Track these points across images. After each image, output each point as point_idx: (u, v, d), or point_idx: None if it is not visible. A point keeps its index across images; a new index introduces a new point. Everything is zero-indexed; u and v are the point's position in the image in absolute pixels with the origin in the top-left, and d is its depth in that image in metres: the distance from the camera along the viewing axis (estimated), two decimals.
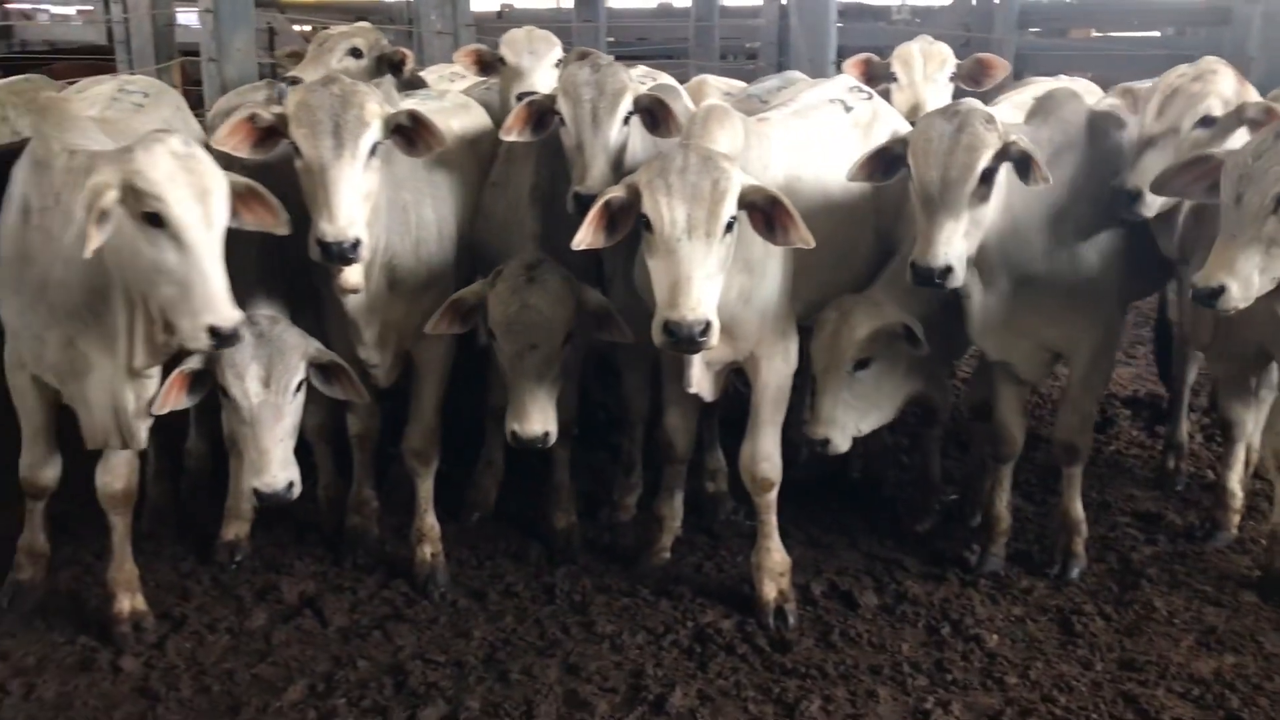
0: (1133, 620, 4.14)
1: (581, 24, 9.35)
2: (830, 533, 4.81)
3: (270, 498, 3.72)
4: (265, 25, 11.73)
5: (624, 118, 4.03)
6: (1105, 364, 4.48)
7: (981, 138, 3.69)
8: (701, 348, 3.48)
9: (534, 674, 3.80)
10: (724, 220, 3.48)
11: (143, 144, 3.32)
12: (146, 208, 3.25)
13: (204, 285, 3.30)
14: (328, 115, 3.62)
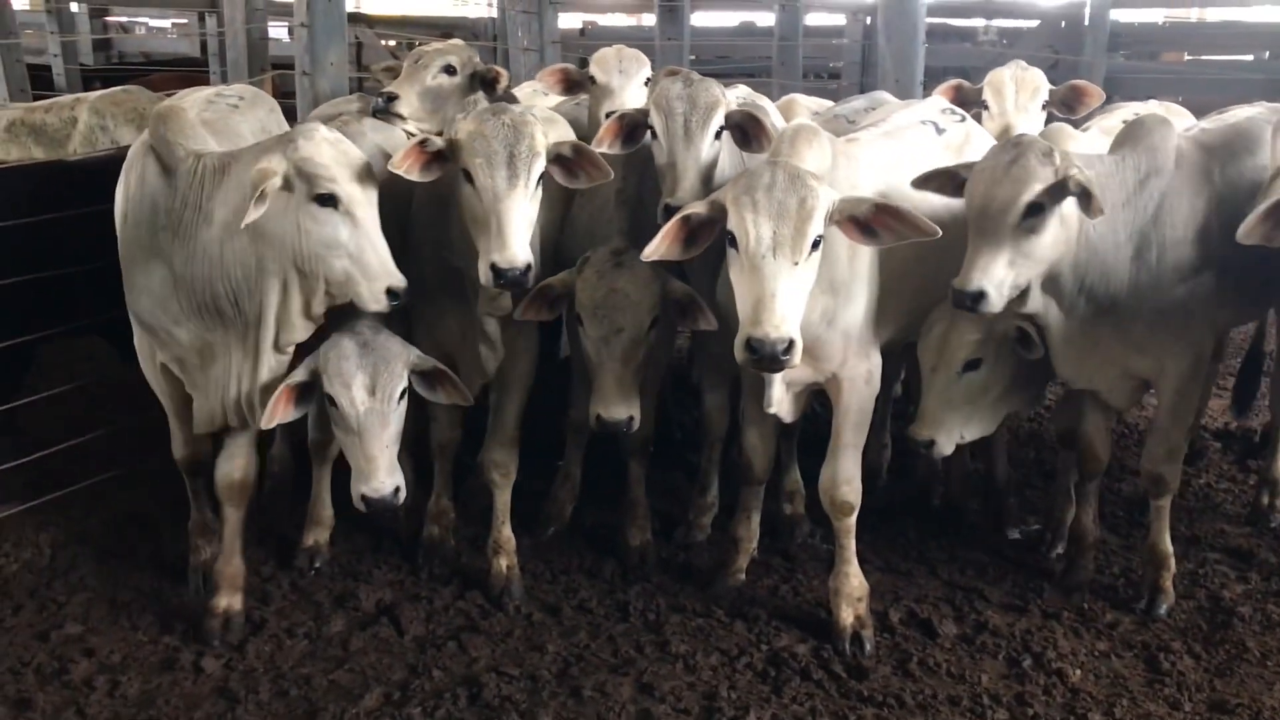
0: (1223, 660, 4.02)
1: (665, 42, 9.37)
2: (909, 560, 4.74)
3: (378, 503, 3.83)
4: (353, 39, 11.99)
5: (715, 132, 4.03)
6: (1194, 393, 4.37)
7: (1031, 171, 3.68)
8: (784, 366, 3.46)
9: (607, 691, 3.78)
10: (810, 238, 3.46)
11: (302, 134, 3.66)
12: (320, 189, 3.60)
13: (375, 253, 3.68)
14: (502, 145, 3.75)
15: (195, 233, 3.76)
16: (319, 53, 5.85)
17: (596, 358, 4.03)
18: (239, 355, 3.91)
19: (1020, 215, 3.69)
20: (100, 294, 4.92)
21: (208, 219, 3.74)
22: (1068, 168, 3.70)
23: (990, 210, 3.70)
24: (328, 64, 5.85)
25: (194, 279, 3.79)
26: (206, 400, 4.00)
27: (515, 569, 4.44)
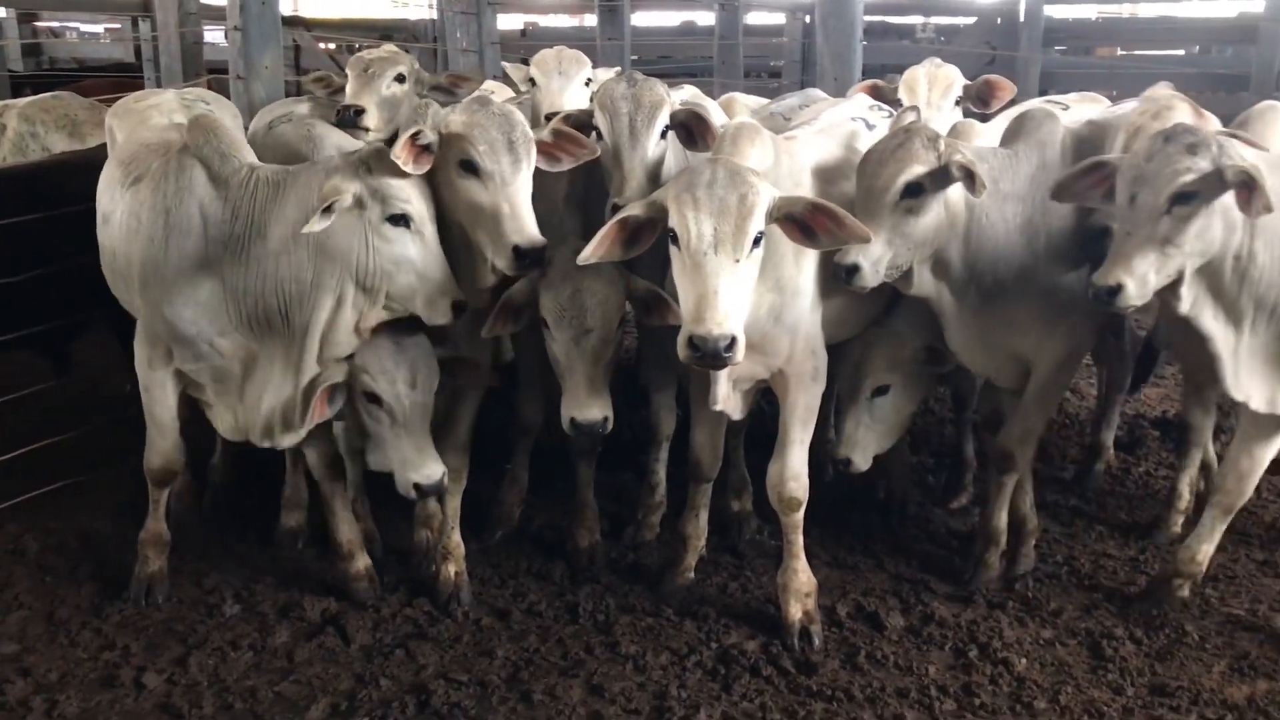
0: (1164, 645, 4.08)
1: (606, 42, 9.36)
2: (856, 554, 4.77)
3: (431, 489, 4.01)
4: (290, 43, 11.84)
5: (661, 132, 4.04)
6: (1064, 381, 4.56)
7: (913, 154, 3.81)
8: (727, 363, 3.45)
9: (557, 694, 3.77)
10: (751, 235, 3.47)
11: (371, 157, 3.79)
12: (394, 210, 3.75)
13: (440, 268, 3.81)
14: (501, 132, 3.80)
15: (248, 245, 3.86)
16: (253, 57, 5.78)
17: (566, 360, 3.99)
18: (280, 367, 3.98)
19: (898, 195, 3.81)
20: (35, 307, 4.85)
21: (261, 233, 3.84)
22: (951, 153, 3.81)
23: (873, 189, 3.84)
24: (262, 68, 5.77)
25: (245, 291, 3.88)
26: (241, 411, 4.12)
27: (464, 575, 4.40)
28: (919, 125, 4.01)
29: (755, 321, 3.79)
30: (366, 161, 3.76)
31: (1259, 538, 4.93)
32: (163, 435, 4.26)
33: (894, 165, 3.83)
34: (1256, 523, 5.07)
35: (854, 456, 4.50)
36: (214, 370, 4.06)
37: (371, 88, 4.96)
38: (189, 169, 3.92)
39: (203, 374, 4.09)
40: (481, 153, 3.78)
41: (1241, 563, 4.70)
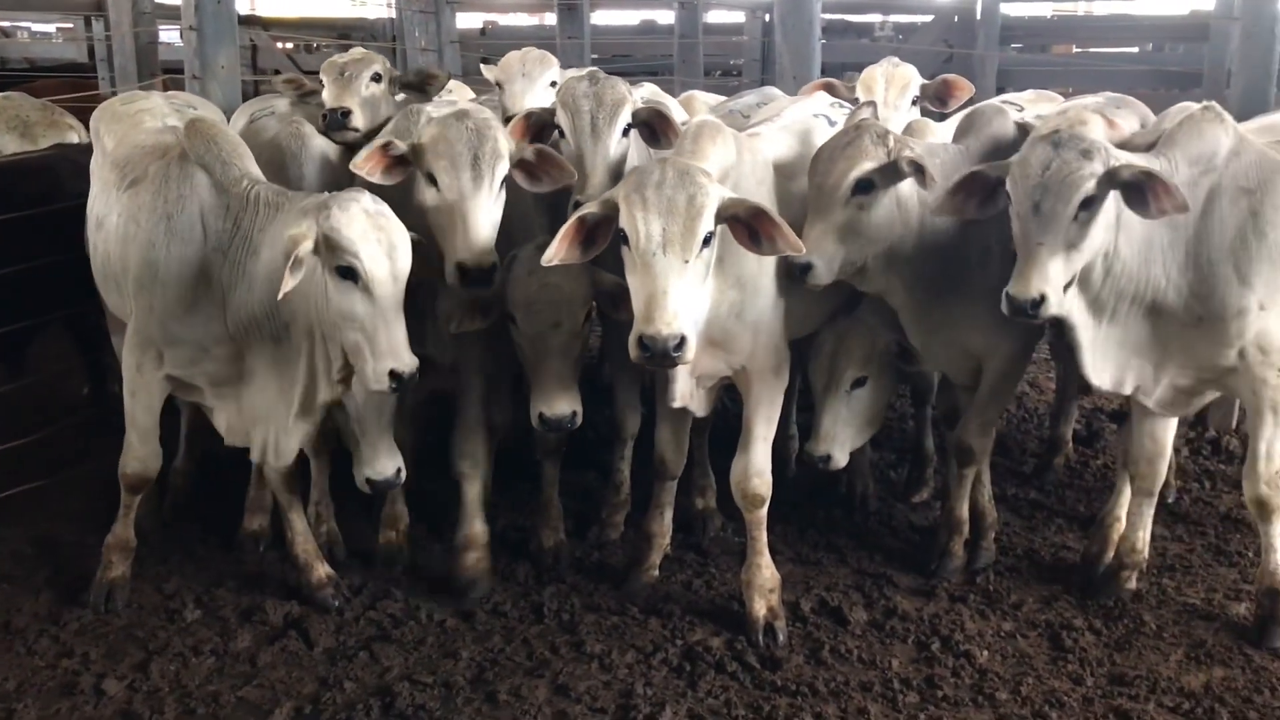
0: (1122, 635, 4.14)
1: (566, 41, 9.36)
2: (819, 549, 4.80)
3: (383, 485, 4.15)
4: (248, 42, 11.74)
5: (623, 129, 4.05)
6: (1017, 375, 4.65)
7: (863, 150, 3.85)
8: (676, 363, 3.46)
9: (522, 694, 3.76)
10: (700, 235, 3.47)
11: (339, 202, 3.64)
12: (341, 261, 3.59)
13: (387, 333, 3.63)
14: (466, 148, 3.80)
15: (243, 260, 3.85)
16: (209, 56, 5.73)
17: (534, 355, 4.00)
18: (275, 390, 3.98)
19: (849, 192, 3.85)
20: None
21: (255, 252, 3.83)
22: (901, 149, 3.85)
23: (825, 187, 3.87)
24: (218, 67, 5.73)
25: (241, 304, 3.86)
26: (241, 418, 4.11)
27: (485, 561, 4.44)
28: (869, 122, 4.04)
29: (717, 318, 3.81)
30: (330, 206, 3.65)
31: (1214, 528, 5.01)
32: (143, 441, 4.20)
33: (844, 162, 3.85)
34: (1211, 513, 5.16)
35: (834, 452, 4.46)
36: (210, 375, 4.05)
37: (351, 89, 4.97)
38: (191, 175, 3.93)
39: (199, 378, 4.07)
40: (442, 167, 3.81)
41: (1197, 552, 4.78)
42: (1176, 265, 3.83)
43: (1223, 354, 3.90)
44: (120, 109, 4.72)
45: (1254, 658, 3.97)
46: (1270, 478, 3.98)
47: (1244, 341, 3.86)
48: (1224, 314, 3.83)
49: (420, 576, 4.55)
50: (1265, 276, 3.82)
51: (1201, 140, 3.85)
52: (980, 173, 3.80)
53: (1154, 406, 4.11)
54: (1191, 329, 3.89)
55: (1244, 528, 4.95)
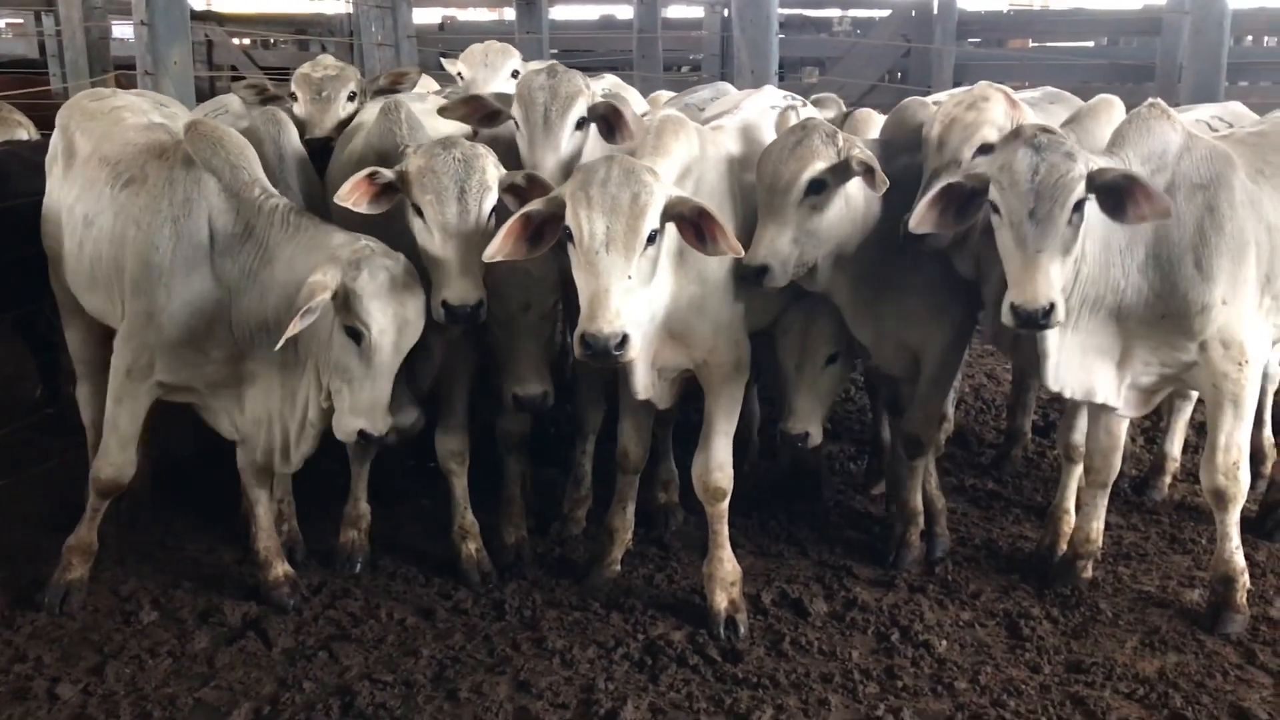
0: (1079, 622, 4.18)
1: (524, 35, 9.32)
2: (780, 542, 4.83)
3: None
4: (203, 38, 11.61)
5: (576, 123, 4.03)
6: (955, 364, 4.70)
7: (814, 150, 3.85)
8: (617, 361, 3.46)
9: (484, 692, 3.75)
10: (643, 234, 3.46)
11: (371, 266, 3.65)
12: (351, 323, 3.65)
13: (371, 394, 3.72)
14: (453, 181, 3.78)
15: (255, 268, 3.87)
16: (161, 52, 5.66)
17: (505, 337, 3.99)
18: (279, 395, 3.98)
19: (802, 192, 3.84)
20: None
21: (269, 261, 3.86)
22: (850, 148, 3.86)
23: (777, 187, 3.86)
24: (171, 63, 5.66)
25: (249, 310, 3.88)
26: (241, 423, 4.10)
27: (483, 550, 4.48)
28: (815, 121, 4.04)
29: (678, 312, 3.82)
30: (360, 264, 3.65)
31: (1169, 516, 5.08)
32: (121, 448, 4.14)
33: (795, 163, 3.84)
34: (1165, 502, 5.23)
35: (812, 429, 4.43)
36: (208, 378, 4.03)
37: (330, 111, 4.98)
38: (199, 180, 3.93)
39: (195, 382, 4.05)
40: (428, 201, 3.79)
41: (1152, 540, 4.84)
42: (1136, 265, 3.84)
43: (1185, 349, 3.93)
44: (91, 105, 4.64)
45: (1207, 643, 4.02)
46: (1228, 469, 4.03)
47: (1206, 336, 3.89)
48: (1188, 310, 3.85)
49: (380, 574, 4.52)
50: (1226, 270, 3.85)
51: (1151, 138, 3.87)
52: (955, 184, 3.74)
53: (1120, 409, 4.13)
54: (1153, 327, 3.91)
55: (1197, 516, 5.02)
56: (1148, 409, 4.32)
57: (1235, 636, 4.05)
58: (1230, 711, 3.63)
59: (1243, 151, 4.06)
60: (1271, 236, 3.96)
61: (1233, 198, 3.87)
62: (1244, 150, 4.07)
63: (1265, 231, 3.94)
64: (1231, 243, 3.85)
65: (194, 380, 4.05)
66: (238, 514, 4.66)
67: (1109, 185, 3.59)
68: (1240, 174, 3.93)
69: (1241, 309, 3.91)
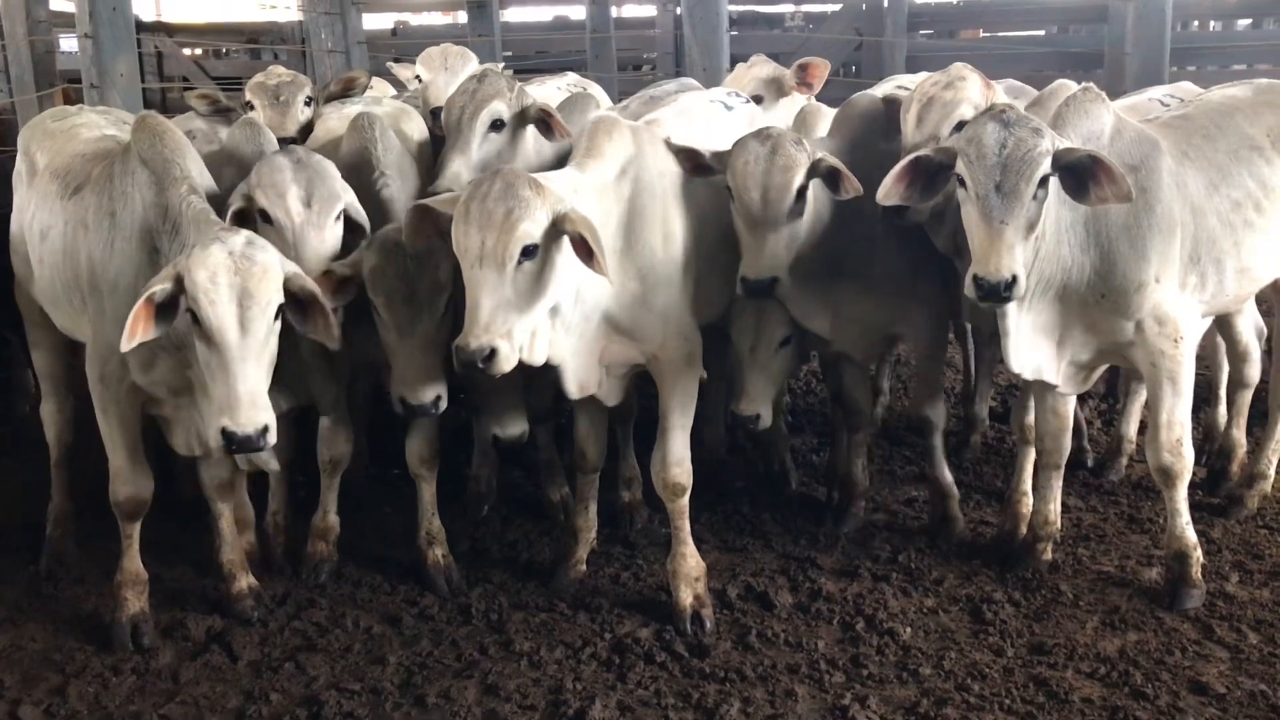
0: (1041, 605, 4.23)
1: (476, 39, 9.30)
2: (745, 535, 4.85)
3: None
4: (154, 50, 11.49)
5: (490, 125, 4.12)
6: (943, 339, 4.84)
7: (794, 158, 3.92)
8: (486, 373, 3.46)
9: (452, 696, 3.75)
10: (515, 250, 3.42)
11: (204, 239, 3.47)
12: (189, 306, 3.44)
13: (228, 385, 3.44)
14: (403, 283, 3.81)
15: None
16: (106, 64, 5.61)
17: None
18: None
19: (793, 201, 3.92)
20: None
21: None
22: (815, 151, 3.95)
23: (769, 199, 3.91)
24: (117, 75, 5.61)
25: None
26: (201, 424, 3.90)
27: (449, 556, 4.48)
28: (778, 130, 4.09)
29: (621, 308, 3.86)
30: (195, 246, 3.50)
31: (1126, 497, 5.14)
32: (130, 462, 4.02)
33: (782, 174, 3.91)
34: (1124, 482, 5.30)
35: (763, 411, 4.45)
36: (169, 384, 3.91)
37: (290, 114, 4.97)
38: (134, 170, 3.86)
39: (159, 388, 3.93)
40: (380, 303, 3.83)
41: (1110, 521, 4.90)
42: (1078, 244, 3.91)
43: (1123, 328, 4.00)
44: (52, 125, 4.63)
45: (1165, 620, 4.08)
46: (1172, 445, 4.10)
47: (1142, 315, 3.97)
48: (1126, 288, 3.93)
49: (345, 582, 4.50)
50: (1159, 249, 3.93)
51: (1089, 119, 3.93)
52: (924, 157, 3.80)
53: (1061, 386, 4.19)
54: (1092, 306, 3.98)
55: (1154, 495, 5.06)
56: (1086, 386, 4.38)
57: (1193, 612, 4.11)
58: (1189, 687, 3.69)
59: (1168, 134, 4.15)
60: (1196, 217, 4.05)
61: (1161, 179, 3.95)
62: (1169, 133, 4.16)
63: (1190, 212, 4.03)
64: (1162, 222, 3.93)
65: (157, 386, 3.94)
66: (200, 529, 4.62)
67: (1073, 164, 3.64)
68: (1166, 156, 4.02)
69: (1172, 287, 4.00)
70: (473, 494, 5.10)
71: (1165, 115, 4.46)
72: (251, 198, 3.88)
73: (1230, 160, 4.18)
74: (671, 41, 11.10)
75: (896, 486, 5.33)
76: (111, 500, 4.08)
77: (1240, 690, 3.65)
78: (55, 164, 4.27)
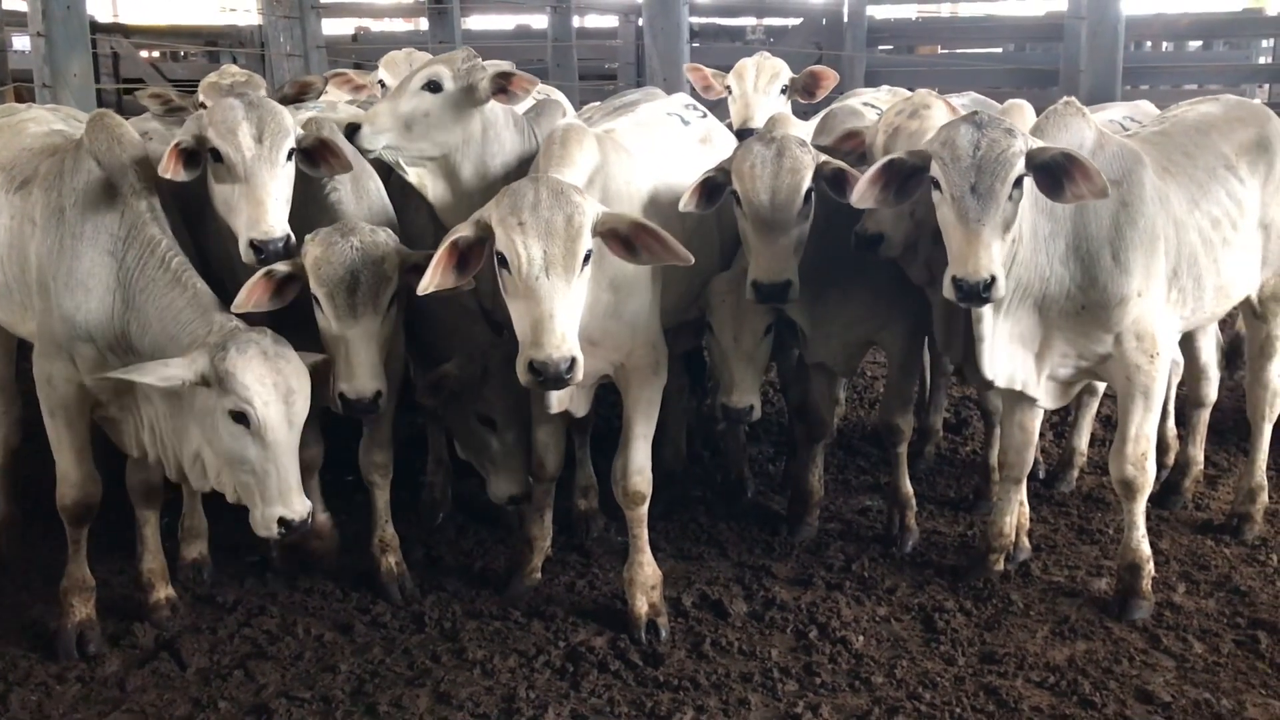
0: (992, 614, 4.27)
1: (437, 45, 9.28)
2: (700, 544, 4.86)
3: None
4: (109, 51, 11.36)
5: (424, 84, 4.04)
6: (918, 352, 4.89)
7: (800, 160, 3.96)
8: (568, 384, 3.48)
9: (404, 704, 3.72)
10: (581, 255, 3.47)
11: (237, 343, 3.49)
12: (234, 406, 3.46)
13: (279, 478, 3.53)
14: (348, 271, 3.78)
15: (134, 280, 3.73)
16: (59, 64, 5.54)
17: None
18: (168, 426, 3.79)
19: (802, 204, 3.95)
20: None
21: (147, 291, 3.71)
22: (818, 155, 3.97)
23: (778, 202, 3.92)
24: (70, 75, 5.54)
25: (128, 328, 3.75)
26: (146, 437, 3.90)
27: (403, 564, 4.46)
28: (781, 133, 4.10)
29: (594, 319, 3.83)
30: (228, 346, 3.49)
31: (1077, 508, 5.21)
32: (76, 464, 3.95)
33: (792, 176, 3.94)
34: (1074, 494, 5.36)
35: (755, 402, 4.36)
36: (114, 385, 3.79)
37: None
38: (85, 169, 3.81)
39: (106, 390, 3.84)
40: (323, 295, 3.80)
41: (1061, 532, 4.96)
42: (1058, 256, 3.93)
43: (1102, 341, 4.03)
44: (0, 121, 4.55)
45: (1114, 630, 4.13)
46: (1137, 459, 4.14)
47: (1122, 328, 4.00)
48: (1107, 302, 3.95)
49: (297, 590, 4.46)
50: (1141, 263, 3.96)
51: (1069, 132, 3.96)
52: (898, 160, 3.80)
53: (1042, 400, 4.22)
54: (1073, 318, 4.00)
55: (1105, 507, 5.16)
56: (1065, 401, 4.43)
57: (1141, 623, 4.16)
58: (1136, 695, 3.74)
59: (1149, 150, 4.19)
60: (1178, 232, 4.09)
61: (1144, 193, 3.98)
62: (1149, 149, 4.21)
63: (1173, 226, 4.07)
64: (1145, 236, 3.97)
65: (104, 389, 3.86)
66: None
67: (1047, 163, 3.67)
68: (1149, 171, 4.06)
69: (1154, 302, 4.04)
70: (427, 501, 5.08)
71: (1143, 132, 4.51)
72: (202, 137, 3.79)
73: (1208, 177, 4.24)
74: (633, 52, 11.16)
75: (851, 496, 5.37)
76: (59, 504, 4.02)
77: (1185, 699, 3.70)
78: (2, 158, 4.19)
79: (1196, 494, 5.26)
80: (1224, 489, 5.36)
